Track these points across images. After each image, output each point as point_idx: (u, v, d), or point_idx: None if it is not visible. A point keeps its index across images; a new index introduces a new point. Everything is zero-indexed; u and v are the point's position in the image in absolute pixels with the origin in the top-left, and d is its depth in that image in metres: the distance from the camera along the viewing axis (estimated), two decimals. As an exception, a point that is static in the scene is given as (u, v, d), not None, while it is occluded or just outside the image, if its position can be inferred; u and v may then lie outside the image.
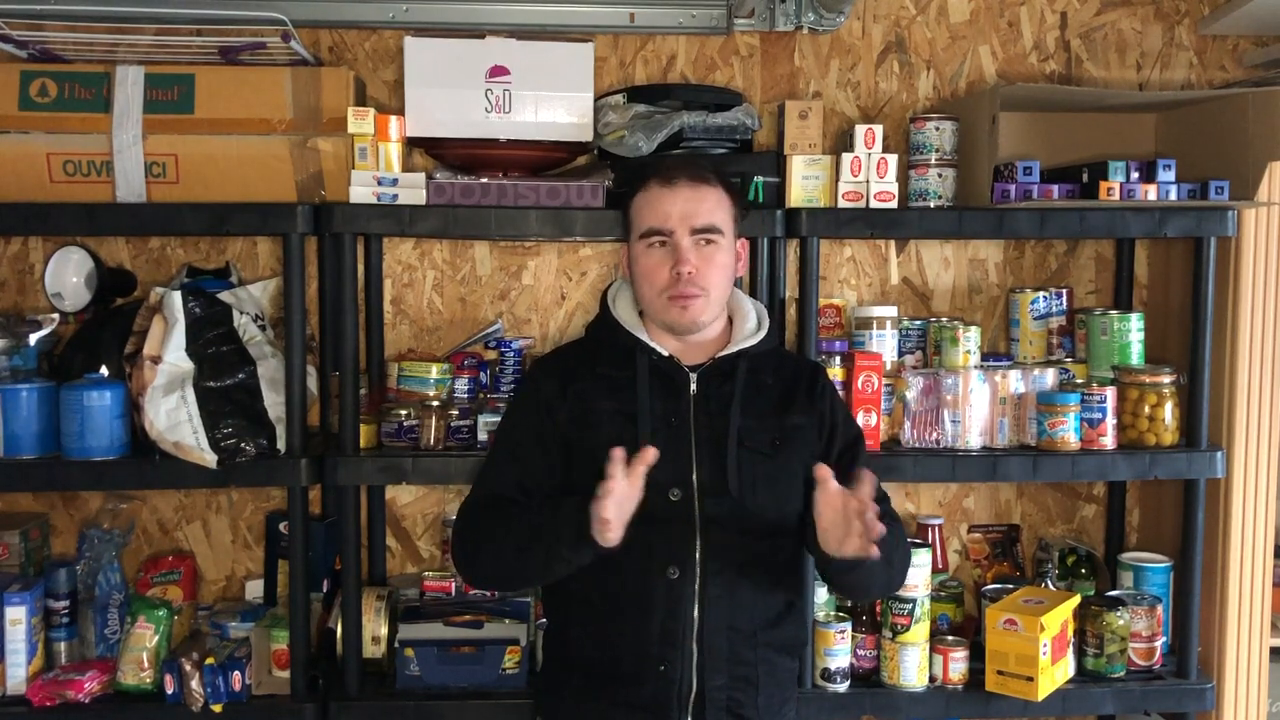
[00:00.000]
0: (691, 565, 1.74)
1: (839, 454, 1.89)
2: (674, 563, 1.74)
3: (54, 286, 2.20)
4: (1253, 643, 2.28)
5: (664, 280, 1.79)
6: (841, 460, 1.89)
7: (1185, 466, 2.19)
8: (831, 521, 1.65)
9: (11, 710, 2.06)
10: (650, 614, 1.74)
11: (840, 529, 1.64)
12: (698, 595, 1.74)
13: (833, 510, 1.64)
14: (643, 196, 1.82)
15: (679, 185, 1.80)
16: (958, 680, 2.19)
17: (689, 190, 1.80)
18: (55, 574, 2.17)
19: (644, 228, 1.80)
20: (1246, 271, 2.23)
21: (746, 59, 2.43)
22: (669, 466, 1.76)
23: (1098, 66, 2.48)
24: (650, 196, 1.81)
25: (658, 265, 1.79)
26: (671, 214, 1.78)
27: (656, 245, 1.80)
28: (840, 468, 1.88)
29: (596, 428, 1.79)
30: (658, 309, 1.81)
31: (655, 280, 1.79)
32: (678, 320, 1.80)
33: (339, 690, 2.12)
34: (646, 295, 1.82)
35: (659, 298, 1.80)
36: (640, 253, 1.81)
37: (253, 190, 2.12)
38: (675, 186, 1.80)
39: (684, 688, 1.74)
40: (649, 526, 1.74)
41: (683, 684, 1.74)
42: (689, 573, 1.74)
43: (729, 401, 1.81)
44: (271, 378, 2.11)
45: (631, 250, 1.85)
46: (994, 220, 2.15)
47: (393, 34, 2.35)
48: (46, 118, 2.11)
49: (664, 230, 1.78)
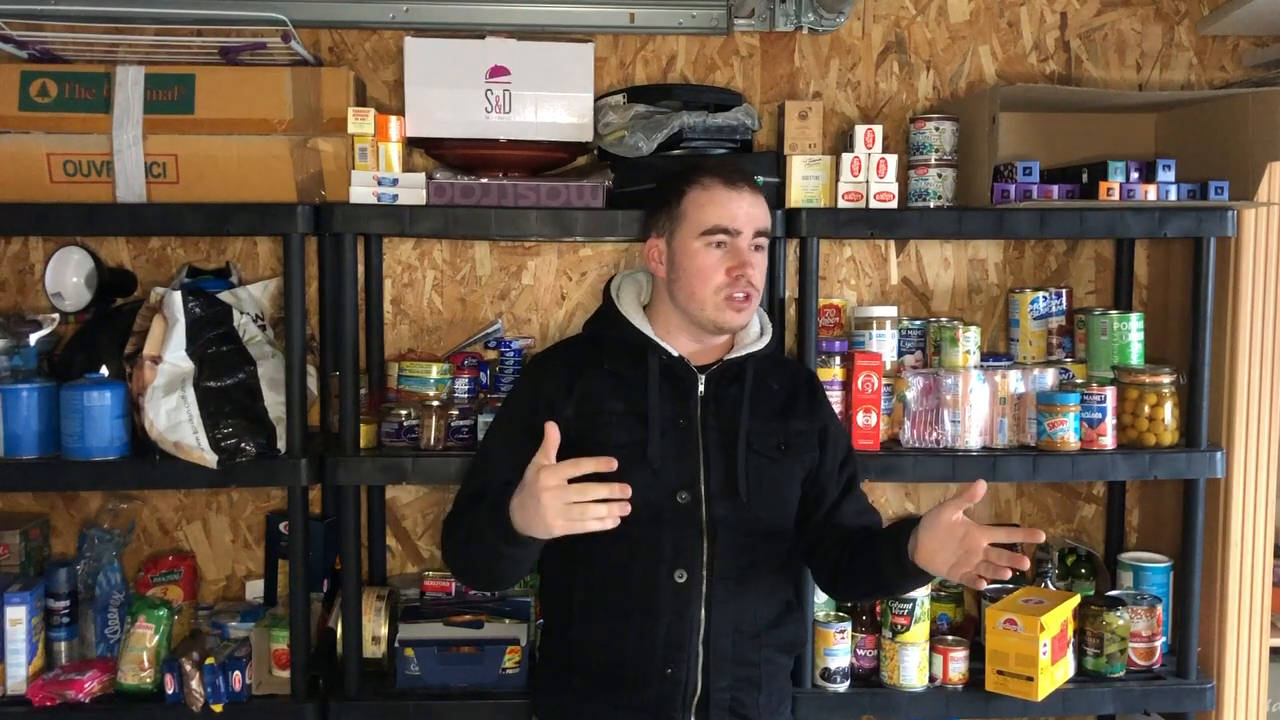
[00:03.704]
0: (699, 569, 1.75)
1: (841, 464, 1.91)
2: (681, 566, 1.74)
3: (54, 286, 2.20)
4: (1253, 643, 2.28)
5: (721, 279, 1.78)
6: (843, 470, 1.91)
7: (1185, 466, 2.19)
8: (943, 544, 1.61)
9: (11, 710, 2.06)
10: (657, 617, 1.74)
11: (950, 554, 1.60)
12: (704, 598, 1.74)
13: (953, 539, 1.60)
14: (704, 194, 1.81)
15: (744, 188, 1.81)
16: (958, 680, 2.19)
17: (752, 194, 1.82)
18: (55, 574, 2.17)
19: (709, 225, 1.79)
20: (1246, 271, 2.23)
21: (746, 59, 2.43)
22: (676, 469, 1.76)
23: (1097, 67, 2.48)
24: (716, 196, 1.80)
25: (716, 265, 1.79)
26: (739, 215, 1.79)
27: (715, 245, 1.79)
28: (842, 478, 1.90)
29: (606, 428, 1.79)
30: (710, 307, 1.80)
31: (713, 279, 1.79)
32: (730, 321, 1.80)
33: (339, 690, 2.12)
34: (699, 293, 1.80)
35: (714, 296, 1.79)
36: (698, 250, 1.79)
37: (253, 190, 2.12)
38: (740, 189, 1.81)
39: (689, 689, 1.74)
40: (656, 529, 1.74)
41: (688, 686, 1.74)
42: (696, 576, 1.74)
43: (737, 404, 1.81)
44: (271, 378, 2.11)
45: (681, 246, 1.81)
46: (994, 220, 2.15)
47: (393, 34, 2.35)
48: (47, 118, 2.11)
49: (732, 230, 1.78)
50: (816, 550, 1.86)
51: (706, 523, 1.75)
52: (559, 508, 1.56)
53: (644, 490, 1.74)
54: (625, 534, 1.73)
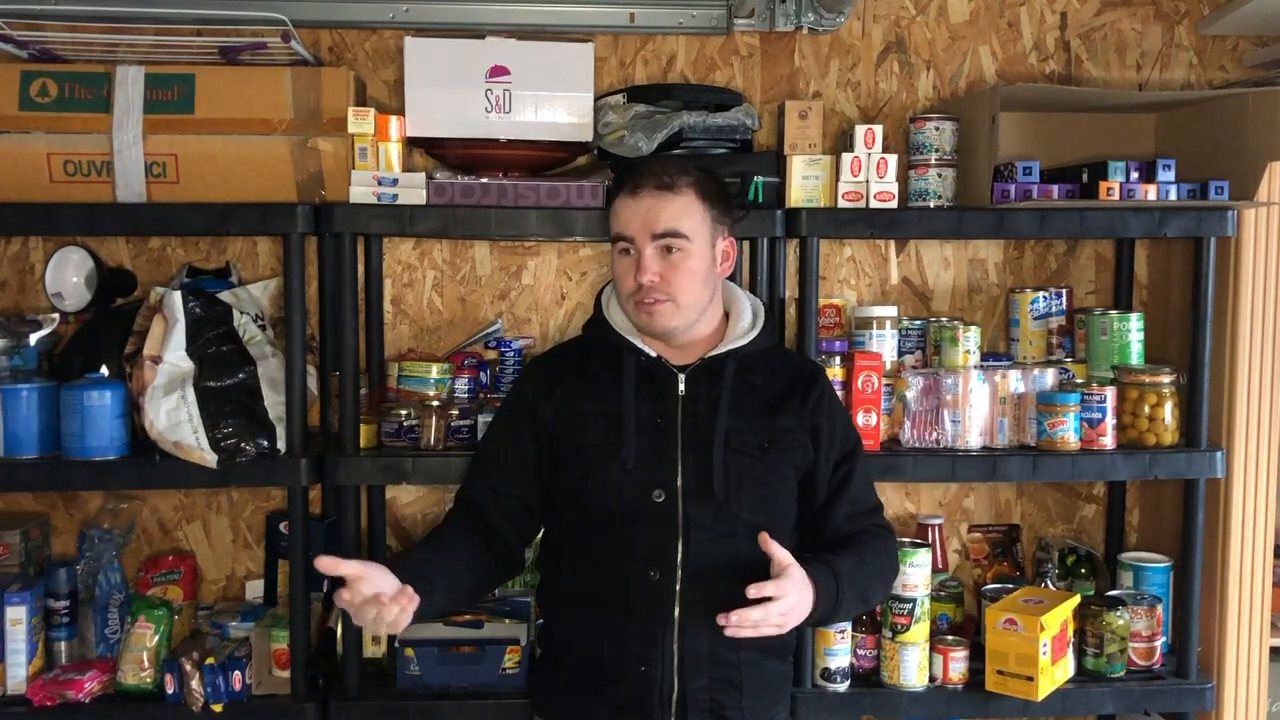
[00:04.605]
0: (672, 567, 1.75)
1: (835, 464, 1.88)
2: (655, 564, 1.75)
3: (54, 286, 2.20)
4: (1253, 643, 2.28)
5: (630, 286, 1.80)
6: (837, 471, 1.89)
7: (1185, 466, 2.19)
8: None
9: (12, 710, 2.06)
10: (631, 614, 1.75)
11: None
12: (678, 597, 1.74)
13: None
14: (617, 202, 1.84)
15: (642, 193, 1.80)
16: (958, 680, 2.19)
17: (651, 198, 1.79)
18: (55, 574, 2.17)
19: (613, 233, 1.83)
20: (1246, 271, 2.23)
21: (746, 59, 2.43)
22: (653, 468, 1.77)
23: (1097, 66, 2.48)
24: (619, 204, 1.83)
25: (625, 272, 1.81)
26: (633, 221, 1.79)
27: (622, 252, 1.82)
28: (834, 479, 1.89)
29: (581, 429, 1.81)
30: (630, 313, 1.84)
31: (623, 286, 1.82)
32: (646, 325, 1.82)
33: (339, 690, 2.12)
34: (621, 299, 1.85)
35: (628, 302, 1.82)
36: (616, 258, 1.84)
37: (253, 190, 2.12)
38: (639, 194, 1.80)
39: (665, 688, 1.74)
40: (631, 527, 1.75)
41: (663, 684, 1.74)
42: (669, 574, 1.74)
43: (716, 402, 1.81)
44: (271, 378, 2.11)
45: (611, 253, 1.87)
46: (994, 220, 2.15)
47: (393, 34, 2.35)
48: (47, 118, 2.11)
49: (627, 236, 1.80)
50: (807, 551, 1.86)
51: (682, 521, 1.75)
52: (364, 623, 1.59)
53: (619, 489, 1.77)
54: (603, 531, 1.78)
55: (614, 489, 1.77)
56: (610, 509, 1.77)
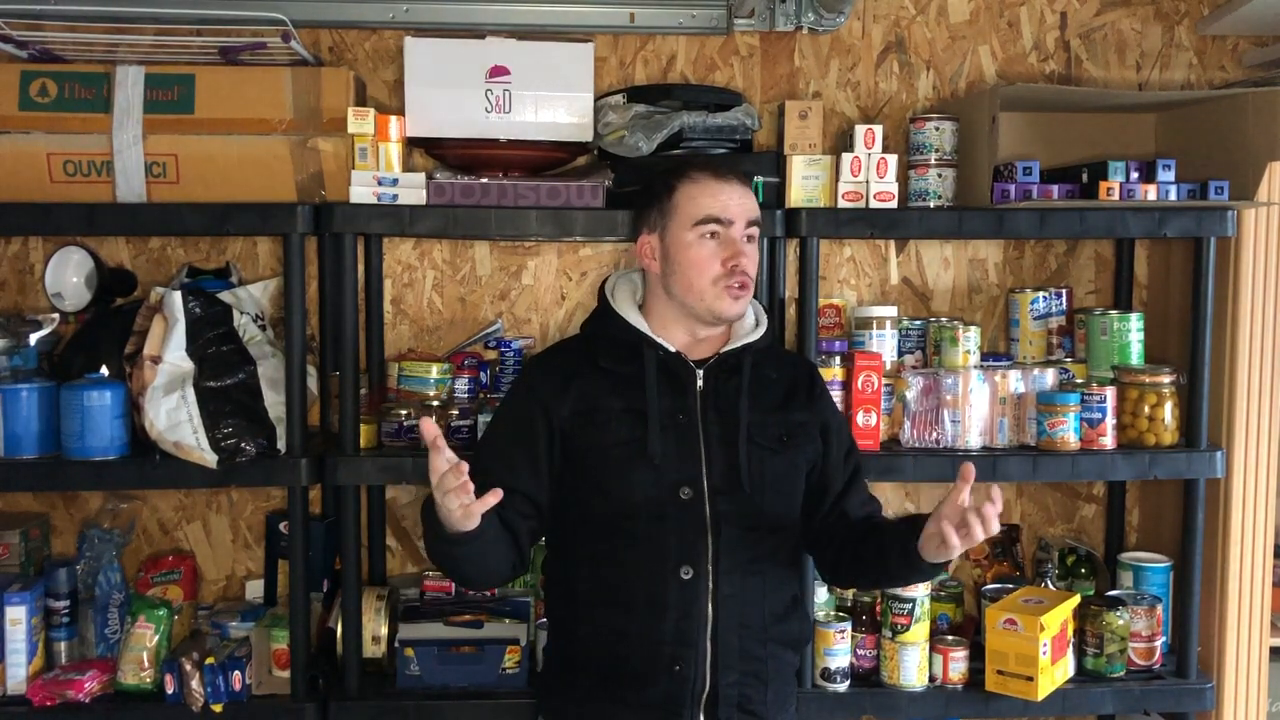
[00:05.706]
0: (704, 564, 1.74)
1: (845, 454, 1.91)
2: (687, 562, 1.74)
3: (54, 286, 2.21)
4: (1253, 643, 2.28)
5: (717, 270, 1.79)
6: (848, 461, 1.91)
7: (1185, 466, 2.19)
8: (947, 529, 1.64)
9: (11, 710, 2.06)
10: (664, 614, 1.74)
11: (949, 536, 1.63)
12: (711, 594, 1.74)
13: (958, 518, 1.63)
14: (695, 186, 1.81)
15: (732, 179, 1.82)
16: (958, 680, 2.19)
17: (741, 186, 1.83)
18: (55, 574, 2.17)
19: (701, 215, 1.79)
20: (1246, 271, 2.23)
21: (746, 59, 2.43)
22: (678, 464, 1.76)
23: (1097, 66, 2.48)
24: (706, 187, 1.81)
25: (711, 255, 1.79)
26: (730, 204, 1.79)
27: (708, 236, 1.79)
28: (846, 469, 1.91)
29: (604, 426, 1.78)
30: (709, 298, 1.80)
31: (708, 269, 1.79)
32: (727, 310, 1.80)
33: (339, 690, 2.12)
34: (696, 285, 1.80)
35: (712, 286, 1.79)
36: (692, 241, 1.80)
37: (253, 190, 2.11)
38: (729, 180, 1.82)
39: (698, 686, 1.74)
40: (660, 526, 1.74)
41: (696, 682, 1.74)
42: (702, 571, 1.74)
43: (736, 397, 1.81)
44: (271, 378, 2.11)
45: (675, 239, 1.81)
46: (994, 220, 2.15)
47: (393, 34, 2.35)
48: (47, 118, 2.11)
49: (724, 219, 1.79)
50: (821, 541, 1.87)
51: (710, 518, 1.75)
52: (446, 488, 1.58)
53: (645, 487, 1.75)
54: (629, 531, 1.75)
55: (639, 487, 1.75)
56: (636, 507, 1.75)
